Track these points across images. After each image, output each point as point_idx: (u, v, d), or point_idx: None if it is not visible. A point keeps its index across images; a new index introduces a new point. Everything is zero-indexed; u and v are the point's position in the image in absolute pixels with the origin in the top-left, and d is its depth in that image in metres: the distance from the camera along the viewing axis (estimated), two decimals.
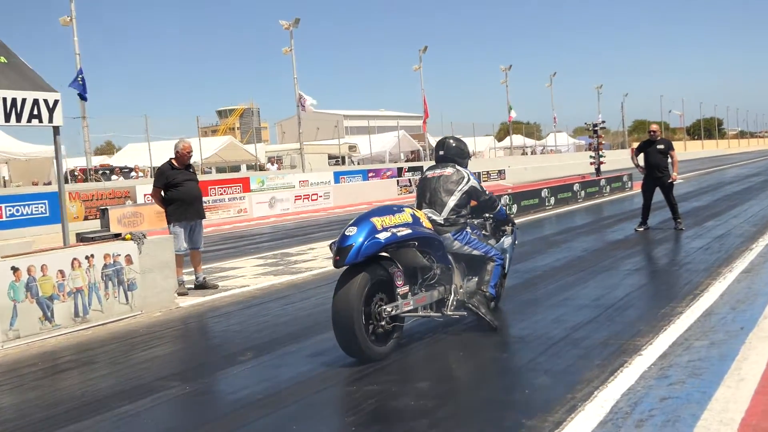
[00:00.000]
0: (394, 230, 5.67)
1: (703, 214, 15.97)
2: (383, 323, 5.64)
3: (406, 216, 5.91)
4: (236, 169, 42.13)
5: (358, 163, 44.85)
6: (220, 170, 43.00)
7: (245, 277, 10.98)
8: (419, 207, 6.50)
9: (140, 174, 31.38)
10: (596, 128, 26.90)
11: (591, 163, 27.33)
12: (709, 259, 9.63)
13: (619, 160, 61.76)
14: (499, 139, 70.15)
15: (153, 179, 10.59)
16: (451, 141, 6.87)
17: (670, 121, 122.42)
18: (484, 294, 6.39)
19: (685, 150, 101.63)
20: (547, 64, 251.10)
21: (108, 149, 52.74)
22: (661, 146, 13.39)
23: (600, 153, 27.12)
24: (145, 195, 26.53)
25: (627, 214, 17.55)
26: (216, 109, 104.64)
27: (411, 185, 36.98)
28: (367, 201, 32.08)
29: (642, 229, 13.46)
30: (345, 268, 5.54)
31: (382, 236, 5.55)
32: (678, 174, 13.86)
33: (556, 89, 75.86)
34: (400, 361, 5.68)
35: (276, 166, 38.68)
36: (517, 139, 66.72)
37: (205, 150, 36.16)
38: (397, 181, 36.62)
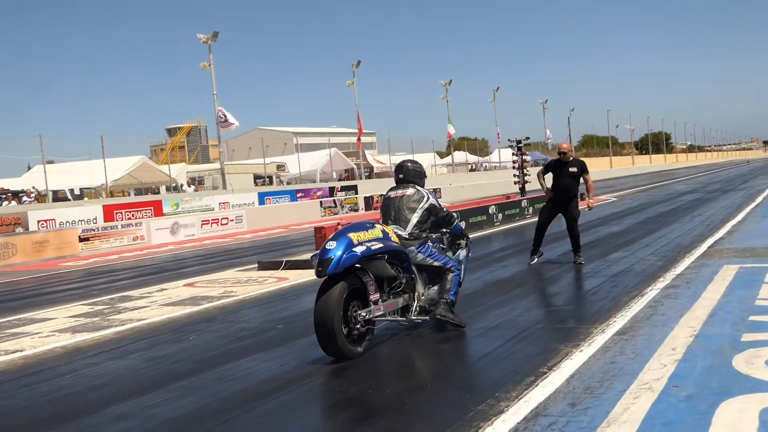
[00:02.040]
0: (369, 244, 6.46)
1: (614, 242, 14.30)
2: (358, 326, 6.43)
3: (377, 232, 6.74)
4: (155, 191, 39.76)
5: (287, 183, 42.71)
6: (138, 193, 40.60)
7: (37, 335, 8.88)
8: (385, 224, 7.14)
9: (31, 197, 28.84)
10: (519, 144, 25.33)
11: (515, 183, 25.71)
12: (587, 311, 7.86)
13: None
14: (448, 155, 68.60)
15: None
16: (409, 164, 7.67)
17: (618, 136, 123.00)
18: (446, 301, 7.23)
19: (632, 164, 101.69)
20: (490, 79, 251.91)
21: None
22: (574, 169, 11.63)
23: (524, 171, 25.54)
24: (38, 221, 24.22)
25: (528, 244, 15.82)
26: (165, 127, 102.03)
27: (336, 206, 35.02)
28: (285, 224, 30.08)
29: (536, 260, 11.71)
30: (325, 277, 6.30)
31: (359, 249, 6.33)
32: (593, 200, 12.31)
33: (500, 104, 74.78)
34: (371, 359, 6.44)
35: (193, 187, 36.35)
36: (461, 156, 65.26)
37: (113, 171, 33.74)
38: (321, 202, 34.60)
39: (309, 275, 12.54)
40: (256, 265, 14.39)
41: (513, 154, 25.62)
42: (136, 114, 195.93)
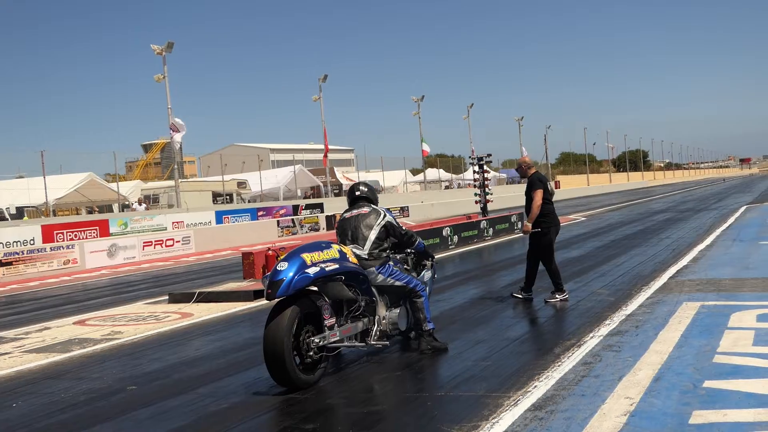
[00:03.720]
0: (323, 265, 6.10)
1: (569, 269, 12.81)
2: (311, 353, 6.01)
3: (333, 252, 6.35)
4: (108, 209, 37.93)
5: (249, 201, 40.99)
6: (92, 212, 38.71)
7: None
8: (342, 244, 6.79)
9: None
10: (481, 162, 23.89)
11: (476, 202, 24.24)
12: (506, 370, 6.30)
13: None
14: (422, 172, 67.07)
15: None
16: (362, 186, 7.45)
17: (596, 153, 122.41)
18: (427, 332, 7.06)
19: (610, 182, 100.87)
20: (464, 95, 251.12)
21: None
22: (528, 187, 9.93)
23: (486, 190, 24.09)
24: None
25: (481, 270, 14.37)
26: (141, 143, 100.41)
27: (295, 225, 33.39)
28: (237, 246, 28.37)
29: (520, 295, 9.98)
30: (276, 300, 5.91)
31: (311, 271, 5.97)
32: (530, 224, 9.80)
33: (475, 121, 73.65)
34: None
35: (144, 206, 34.56)
36: (434, 173, 63.85)
37: (58, 189, 31.87)
38: (278, 222, 32.94)
39: (220, 310, 11.05)
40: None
41: (474, 172, 24.13)
42: (105, 129, 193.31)
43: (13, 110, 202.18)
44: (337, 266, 6.26)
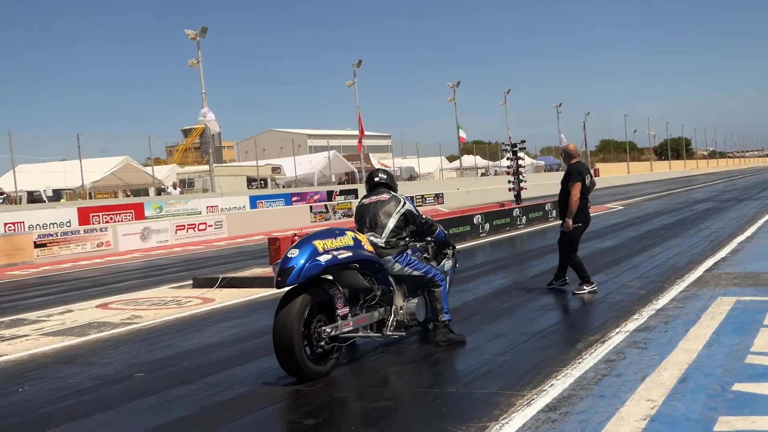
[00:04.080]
0: (335, 253, 5.86)
1: (601, 260, 12.42)
2: (323, 344, 5.80)
3: (347, 239, 6.11)
4: (144, 193, 38.20)
5: (283, 187, 40.97)
6: (136, 194, 38.99)
7: None
8: (360, 231, 6.61)
9: (0, 198, 27.33)
10: (515, 149, 23.45)
11: (509, 190, 23.82)
12: (524, 365, 6.01)
13: None
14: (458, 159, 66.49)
15: None
16: (381, 173, 7.19)
17: (637, 141, 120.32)
18: (443, 324, 6.75)
19: (651, 170, 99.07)
20: (502, 81, 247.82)
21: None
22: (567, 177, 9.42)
23: (520, 178, 23.66)
24: (5, 224, 22.68)
25: (510, 259, 14.05)
26: (181, 128, 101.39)
27: (328, 211, 33.27)
28: (268, 231, 28.36)
29: (554, 284, 9.69)
30: (287, 289, 5.69)
31: (323, 259, 5.74)
32: (570, 220, 9.21)
33: (512, 107, 72.68)
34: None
35: (179, 189, 34.71)
36: (470, 160, 63.21)
37: (94, 173, 32.13)
38: (311, 207, 32.84)
39: (242, 296, 10.92)
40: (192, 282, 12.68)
41: (508, 158, 23.69)
42: (153, 114, 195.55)
43: (50, 95, 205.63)
44: (350, 254, 6.04)
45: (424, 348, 6.83)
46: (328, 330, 5.86)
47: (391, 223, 6.67)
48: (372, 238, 6.58)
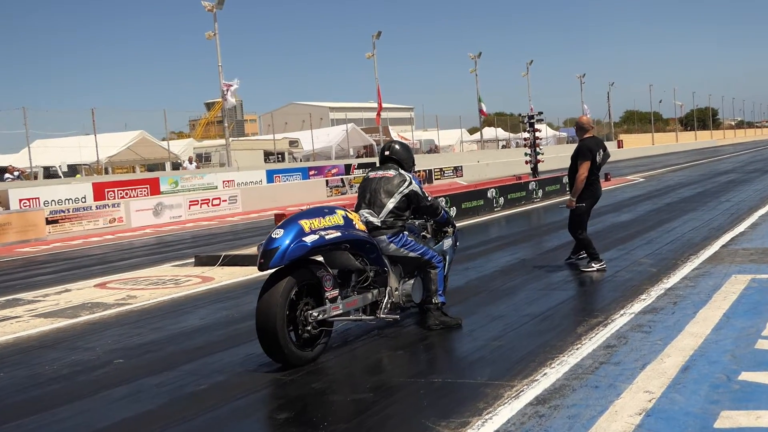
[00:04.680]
0: (323, 233, 5.63)
1: (614, 235, 12.01)
2: (309, 328, 5.56)
3: (337, 218, 5.87)
4: (161, 168, 38.08)
5: (300, 160, 40.65)
6: (151, 169, 38.90)
7: None
8: (358, 207, 6.42)
9: (14, 175, 27.27)
10: (531, 121, 22.92)
11: (526, 162, 23.33)
12: (518, 352, 5.66)
13: None
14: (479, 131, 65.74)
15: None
16: (397, 145, 6.85)
17: (662, 112, 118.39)
18: (436, 306, 6.46)
19: (676, 141, 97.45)
20: (523, 51, 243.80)
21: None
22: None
23: (537, 150, 23.15)
24: (20, 200, 22.63)
25: (522, 234, 13.64)
26: (204, 101, 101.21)
27: (344, 185, 32.96)
28: (284, 205, 28.12)
29: (572, 259, 9.49)
30: (272, 270, 5.46)
31: (309, 239, 5.50)
32: (574, 199, 8.84)
33: (534, 78, 71.57)
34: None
35: (195, 164, 34.54)
36: (491, 132, 62.46)
37: (110, 147, 32.00)
38: (327, 181, 32.53)
39: (243, 274, 10.67)
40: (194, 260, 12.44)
41: (524, 130, 23.17)
42: (180, 88, 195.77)
43: (66, 70, 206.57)
44: (338, 234, 5.77)
45: (417, 332, 6.51)
46: (315, 314, 5.60)
47: (391, 204, 6.36)
48: (368, 216, 6.32)
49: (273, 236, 5.49)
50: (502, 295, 7.89)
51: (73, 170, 33.70)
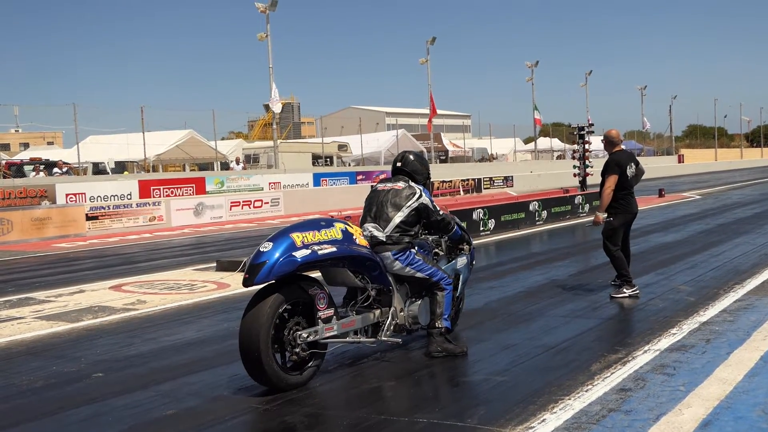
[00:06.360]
0: (316, 248, 5.25)
1: (656, 257, 11.27)
2: (298, 350, 5.15)
3: (334, 232, 5.49)
4: (211, 167, 38.23)
5: (349, 165, 40.40)
6: (202, 168, 39.08)
7: None
8: (364, 221, 6.01)
9: (63, 170, 27.56)
10: (582, 132, 22.12)
11: (574, 175, 22.53)
12: (520, 391, 5.09)
13: (658, 168, 56.09)
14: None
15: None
16: (411, 156, 6.44)
17: (727, 127, 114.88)
18: (440, 331, 5.94)
19: (741, 157, 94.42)
20: (582, 63, 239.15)
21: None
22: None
23: (586, 162, 22.33)
24: (67, 195, 22.84)
25: (559, 252, 12.95)
26: (263, 103, 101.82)
27: None
28: (326, 210, 27.79)
29: (620, 295, 8.21)
30: (258, 287, 5.14)
31: (300, 254, 5.12)
32: (602, 214, 8.35)
33: (593, 89, 70.11)
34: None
35: (242, 165, 34.54)
36: (545, 142, 61.35)
37: (158, 146, 32.21)
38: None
39: None
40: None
41: (574, 142, 22.38)
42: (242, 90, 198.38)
43: (117, 69, 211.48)
44: (333, 249, 5.38)
45: (418, 360, 5.99)
46: (305, 335, 5.19)
47: (398, 218, 5.92)
48: (373, 230, 5.91)
49: (261, 249, 5.13)
50: (519, 321, 7.30)
51: (121, 167, 34.05)
